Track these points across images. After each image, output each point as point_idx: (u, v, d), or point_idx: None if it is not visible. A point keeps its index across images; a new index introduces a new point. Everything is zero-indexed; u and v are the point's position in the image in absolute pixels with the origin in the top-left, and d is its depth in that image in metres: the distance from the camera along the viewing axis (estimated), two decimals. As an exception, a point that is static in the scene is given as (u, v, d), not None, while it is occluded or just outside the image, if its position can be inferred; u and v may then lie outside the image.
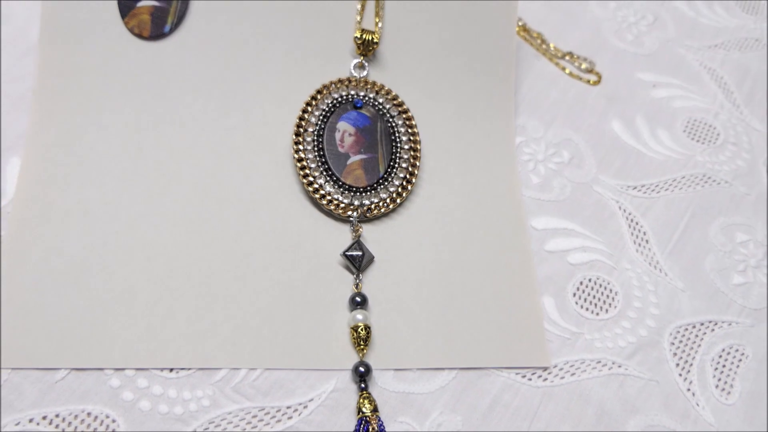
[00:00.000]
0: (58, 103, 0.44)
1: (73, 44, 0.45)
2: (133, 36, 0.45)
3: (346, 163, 0.44)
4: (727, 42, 0.57)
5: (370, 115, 0.45)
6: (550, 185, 0.47)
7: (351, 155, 0.44)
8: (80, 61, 0.45)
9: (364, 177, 0.44)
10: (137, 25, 0.45)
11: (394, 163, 0.44)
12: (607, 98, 0.52)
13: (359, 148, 0.44)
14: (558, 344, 0.41)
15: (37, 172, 0.42)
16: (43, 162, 0.43)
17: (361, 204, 0.43)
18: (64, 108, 0.44)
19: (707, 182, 0.49)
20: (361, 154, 0.44)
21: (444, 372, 0.40)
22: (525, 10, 0.56)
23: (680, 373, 0.41)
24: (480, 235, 0.44)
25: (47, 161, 0.43)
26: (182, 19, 0.46)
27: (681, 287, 0.44)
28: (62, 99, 0.44)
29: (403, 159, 0.45)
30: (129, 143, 0.44)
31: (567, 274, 0.44)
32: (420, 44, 0.48)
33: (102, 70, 0.45)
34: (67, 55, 0.45)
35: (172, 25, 0.45)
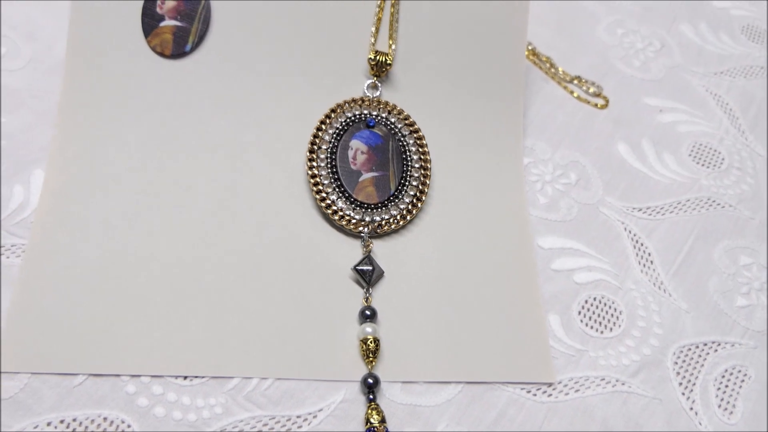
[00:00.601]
0: (81, 118, 0.46)
1: (97, 61, 0.47)
2: (155, 54, 0.47)
3: (358, 180, 0.45)
4: (733, 69, 0.58)
5: (382, 134, 0.46)
6: (557, 206, 0.48)
7: (363, 172, 0.45)
8: (104, 77, 0.47)
9: (376, 194, 0.45)
10: (159, 44, 0.47)
11: (404, 181, 0.46)
12: (614, 122, 0.53)
13: (371, 165, 0.46)
14: (563, 361, 0.42)
15: (59, 183, 0.44)
16: (66, 174, 0.44)
17: (372, 220, 0.44)
18: (86, 122, 0.46)
19: (712, 206, 0.50)
20: (372, 172, 0.45)
21: (450, 385, 0.40)
22: (535, 35, 0.57)
23: (683, 392, 0.42)
24: (487, 253, 0.45)
25: (69, 174, 0.44)
26: (203, 38, 0.47)
27: (685, 308, 0.45)
28: (85, 114, 0.46)
29: (414, 177, 0.46)
30: (148, 157, 0.45)
31: (572, 292, 0.45)
32: (431, 66, 0.50)
33: (124, 87, 0.47)
34: (91, 71, 0.47)
35: (192, 44, 0.47)
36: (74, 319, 0.39)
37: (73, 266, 0.41)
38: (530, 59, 0.56)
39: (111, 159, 0.45)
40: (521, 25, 0.50)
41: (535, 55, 0.56)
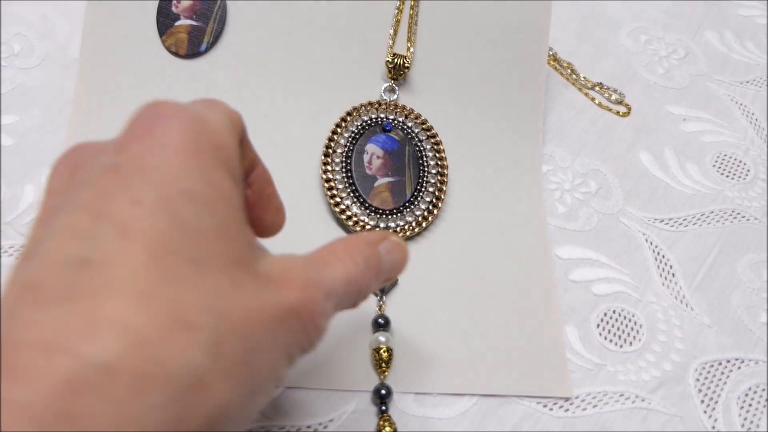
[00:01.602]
0: (93, 118, 0.45)
1: (111, 61, 0.46)
2: (170, 54, 0.46)
3: (374, 185, 0.44)
4: (759, 78, 0.57)
5: (398, 138, 0.46)
6: (577, 215, 0.47)
7: (378, 177, 0.44)
8: (117, 76, 0.46)
9: (391, 200, 0.44)
10: (174, 44, 0.46)
11: (420, 186, 0.45)
12: (636, 130, 0.52)
13: (387, 170, 0.45)
14: (580, 375, 0.41)
15: None
16: None
17: (387, 227, 0.43)
18: (99, 122, 0.45)
19: (736, 218, 0.49)
20: (388, 177, 0.45)
21: (465, 398, 0.39)
22: (556, 40, 0.56)
23: (705, 410, 0.41)
24: (504, 262, 0.44)
25: None
26: (218, 38, 0.47)
27: (707, 323, 0.44)
28: (98, 114, 0.45)
29: (430, 183, 0.45)
30: None
31: (591, 304, 0.44)
32: (450, 70, 0.49)
33: (138, 87, 0.46)
34: (105, 71, 0.46)
35: (207, 44, 0.46)
36: None
37: None
38: (551, 65, 0.55)
39: None
40: (543, 28, 0.49)
41: (556, 60, 0.55)
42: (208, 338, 0.20)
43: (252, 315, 0.22)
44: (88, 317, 0.18)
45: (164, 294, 0.19)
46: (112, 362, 0.18)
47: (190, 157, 0.22)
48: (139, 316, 0.19)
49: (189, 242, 0.21)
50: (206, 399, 0.20)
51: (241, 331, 0.21)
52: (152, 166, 0.22)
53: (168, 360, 0.19)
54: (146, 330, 0.19)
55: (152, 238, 0.20)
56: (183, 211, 0.21)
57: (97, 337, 0.18)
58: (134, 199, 0.21)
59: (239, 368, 0.21)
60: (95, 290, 0.19)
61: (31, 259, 0.20)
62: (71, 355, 0.17)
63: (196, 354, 0.19)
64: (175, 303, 0.20)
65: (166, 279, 0.20)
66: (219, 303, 0.21)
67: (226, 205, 0.23)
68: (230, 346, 0.21)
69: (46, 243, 0.20)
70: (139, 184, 0.21)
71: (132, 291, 0.19)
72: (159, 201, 0.21)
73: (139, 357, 0.18)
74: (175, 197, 0.21)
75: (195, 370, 0.19)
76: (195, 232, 0.21)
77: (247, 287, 0.22)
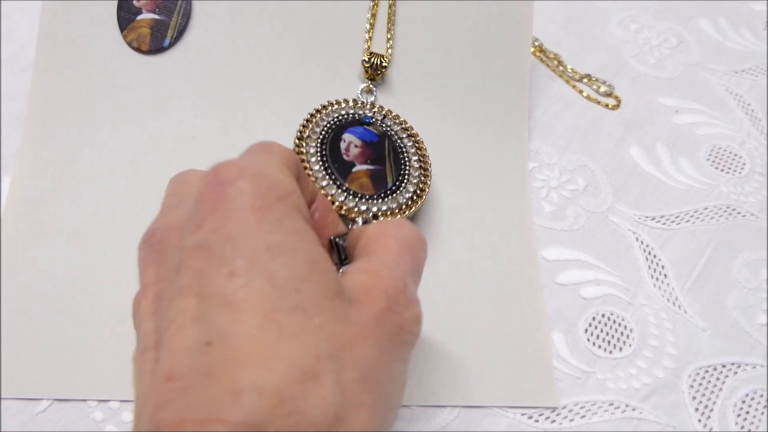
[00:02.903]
0: (51, 118, 0.43)
1: (69, 58, 0.44)
2: (132, 50, 0.44)
3: (352, 170, 0.42)
4: (755, 67, 0.55)
5: (377, 132, 0.43)
6: (564, 214, 0.45)
7: (357, 164, 0.42)
8: (76, 75, 0.44)
9: (371, 185, 0.41)
10: (136, 39, 0.44)
11: (403, 177, 0.42)
12: (625, 123, 0.50)
13: (365, 159, 0.42)
14: (567, 384, 0.39)
15: (26, 189, 0.41)
16: (34, 179, 0.42)
17: (368, 209, 0.41)
18: (57, 123, 0.43)
19: (731, 214, 0.46)
20: (367, 165, 0.42)
21: (446, 411, 0.38)
22: (542, 30, 0.54)
23: (699, 418, 0.39)
24: (488, 265, 0.42)
25: (38, 178, 0.42)
26: (182, 33, 0.44)
27: (701, 326, 0.42)
28: (56, 114, 0.43)
29: (414, 176, 0.42)
30: (124, 160, 0.43)
31: (579, 308, 0.42)
32: (430, 66, 0.47)
33: (98, 85, 0.44)
34: (62, 69, 0.44)
35: (171, 39, 0.44)
36: (38, 339, 0.37)
37: (37, 282, 0.38)
38: (537, 56, 0.52)
39: (83, 163, 0.42)
40: (526, 20, 0.47)
41: (542, 51, 0.53)
42: (332, 379, 0.22)
43: (359, 339, 0.24)
44: (228, 390, 0.21)
45: (284, 351, 0.22)
46: (259, 422, 0.20)
47: (264, 214, 0.24)
48: (270, 378, 0.21)
49: (288, 293, 0.23)
50: (351, 427, 0.22)
51: (356, 358, 0.24)
52: (234, 234, 0.24)
53: (306, 409, 0.21)
54: (280, 389, 0.21)
55: (257, 302, 0.22)
56: (274, 267, 0.23)
57: (241, 404, 0.20)
58: (229, 272, 0.23)
59: (366, 391, 0.23)
60: (226, 366, 0.21)
61: (158, 350, 0.23)
62: (224, 422, 0.20)
63: (327, 396, 0.22)
64: (296, 356, 0.22)
65: (281, 336, 0.22)
66: (328, 343, 0.23)
67: (308, 245, 0.25)
68: (352, 376, 0.23)
69: (167, 333, 0.23)
70: (229, 256, 0.23)
71: (257, 357, 0.21)
72: (251, 265, 0.23)
73: (281, 413, 0.21)
74: (263, 257, 0.23)
75: (330, 410, 0.22)
76: (291, 281, 0.23)
77: (347, 314, 0.24)
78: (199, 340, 0.22)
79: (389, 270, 0.27)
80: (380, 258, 0.28)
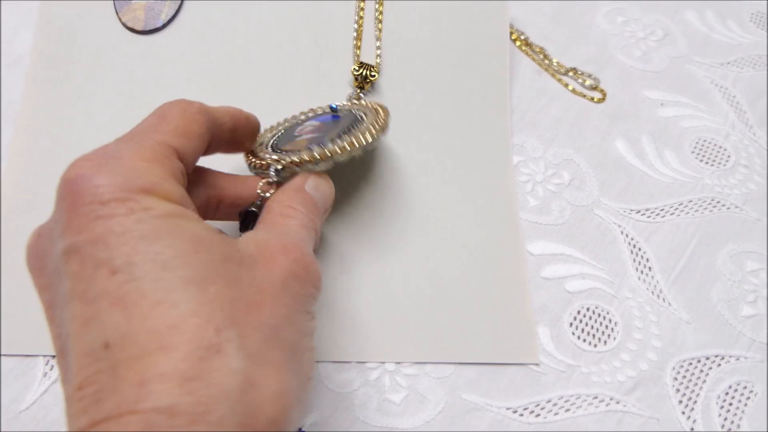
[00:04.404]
0: (48, 95, 0.44)
1: (66, 36, 0.45)
2: (126, 29, 0.46)
3: (294, 139, 0.38)
4: (741, 59, 0.55)
5: (342, 114, 0.40)
6: (549, 208, 0.45)
7: (303, 135, 0.38)
8: (73, 52, 0.45)
9: (305, 145, 0.36)
10: (131, 19, 0.45)
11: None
12: (611, 117, 0.50)
13: (314, 133, 0.38)
14: (552, 378, 0.39)
15: (24, 160, 0.43)
16: (32, 151, 0.43)
17: (282, 158, 0.34)
18: (54, 100, 0.44)
19: (716, 206, 0.46)
20: (312, 134, 0.38)
21: (430, 405, 0.38)
22: (528, 24, 0.54)
23: (683, 410, 0.39)
24: (473, 260, 0.42)
25: (35, 150, 0.43)
26: (177, 13, 0.46)
27: (686, 318, 0.42)
28: (53, 91, 0.45)
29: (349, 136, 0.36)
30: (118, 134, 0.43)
31: (564, 302, 0.42)
32: (413, 65, 0.47)
33: (94, 63, 0.45)
34: (59, 47, 0.45)
35: (165, 18, 0.45)
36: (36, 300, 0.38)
37: None
38: (522, 50, 0.52)
39: (79, 139, 0.43)
40: (502, 17, 0.49)
41: (528, 45, 0.53)
42: (235, 346, 0.23)
43: (258, 300, 0.25)
44: (134, 383, 0.21)
45: (182, 334, 0.22)
46: (169, 405, 0.21)
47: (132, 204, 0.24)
48: (171, 362, 0.21)
49: (177, 271, 0.23)
50: (263, 388, 0.23)
51: (259, 319, 0.24)
52: (103, 233, 0.23)
53: (213, 382, 0.22)
54: (183, 370, 0.21)
55: (146, 292, 0.22)
56: (156, 251, 0.23)
57: (147, 392, 0.21)
58: (109, 270, 0.23)
59: (273, 349, 0.24)
60: (128, 362, 0.21)
61: (65, 356, 0.23)
62: (135, 413, 0.21)
63: (232, 364, 0.22)
64: (195, 335, 0.22)
65: (177, 318, 0.22)
66: (227, 310, 0.23)
67: (186, 222, 0.25)
68: (256, 338, 0.24)
69: (68, 340, 0.23)
70: (104, 256, 0.23)
71: (155, 346, 0.22)
72: (130, 258, 0.23)
73: (189, 392, 0.21)
74: (140, 246, 0.23)
75: (239, 376, 0.22)
76: (177, 258, 0.23)
77: (241, 277, 0.25)
78: (97, 344, 0.22)
79: (286, 231, 0.29)
80: (278, 222, 0.30)
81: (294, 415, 0.24)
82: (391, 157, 0.45)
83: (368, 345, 0.39)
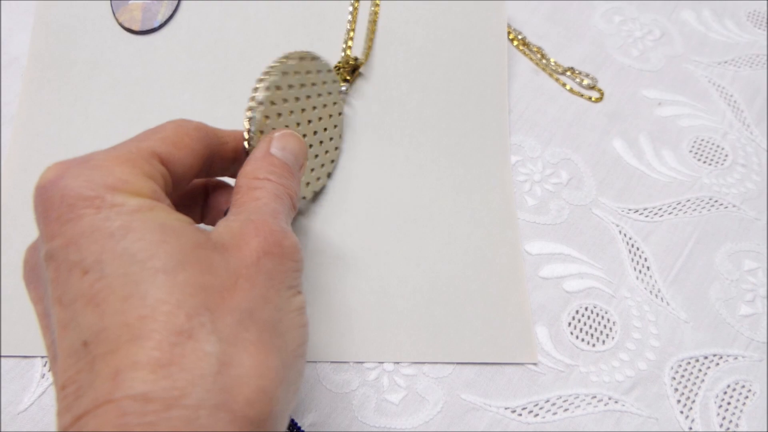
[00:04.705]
0: (45, 95, 0.45)
1: (63, 36, 0.45)
2: (123, 30, 0.46)
3: None
4: (738, 58, 0.55)
5: None
6: (547, 207, 0.45)
7: None
8: (70, 53, 0.45)
9: None
10: (128, 19, 0.45)
11: None
12: (609, 116, 0.50)
13: None
14: (551, 377, 0.39)
15: (22, 158, 0.43)
16: (30, 150, 0.43)
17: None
18: (51, 100, 0.44)
19: (714, 206, 0.46)
20: None
21: (429, 405, 0.38)
22: (526, 23, 0.54)
23: (681, 410, 0.39)
24: (471, 260, 0.42)
25: (33, 150, 0.43)
26: (173, 14, 0.46)
27: (684, 318, 0.42)
28: (51, 91, 0.45)
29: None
30: (114, 133, 0.44)
31: (562, 302, 0.42)
32: (409, 65, 0.47)
33: (91, 63, 0.45)
34: (57, 47, 0.45)
35: (162, 18, 0.45)
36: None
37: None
38: (520, 50, 0.52)
39: (76, 138, 0.44)
40: (500, 15, 0.49)
41: (525, 45, 0.52)
42: (207, 330, 0.23)
43: (231, 284, 0.25)
44: (110, 375, 0.22)
45: (153, 323, 0.22)
46: (144, 392, 0.21)
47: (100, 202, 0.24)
48: (143, 352, 0.22)
49: (146, 262, 0.23)
50: (240, 369, 0.23)
51: (231, 304, 0.24)
52: (73, 234, 0.24)
53: (187, 366, 0.22)
54: (156, 357, 0.22)
55: (116, 288, 0.23)
56: (125, 246, 0.23)
57: (121, 381, 0.21)
58: (81, 271, 0.23)
59: (248, 329, 0.24)
60: (104, 357, 0.22)
61: (55, 363, 0.24)
62: (111, 402, 0.21)
63: (205, 348, 0.22)
64: (166, 323, 0.22)
65: (147, 309, 0.22)
66: (198, 296, 0.23)
67: (155, 213, 0.25)
68: (228, 321, 0.24)
69: (55, 346, 0.24)
70: (75, 258, 0.23)
71: (127, 338, 0.22)
72: (99, 256, 0.23)
73: (163, 377, 0.21)
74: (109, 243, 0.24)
75: (212, 358, 0.22)
76: (145, 250, 0.23)
77: (214, 263, 0.25)
78: (77, 344, 0.23)
79: (255, 208, 0.28)
80: (247, 200, 0.29)
81: (278, 394, 0.24)
82: (389, 156, 0.45)
83: (366, 345, 0.39)
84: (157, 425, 0.21)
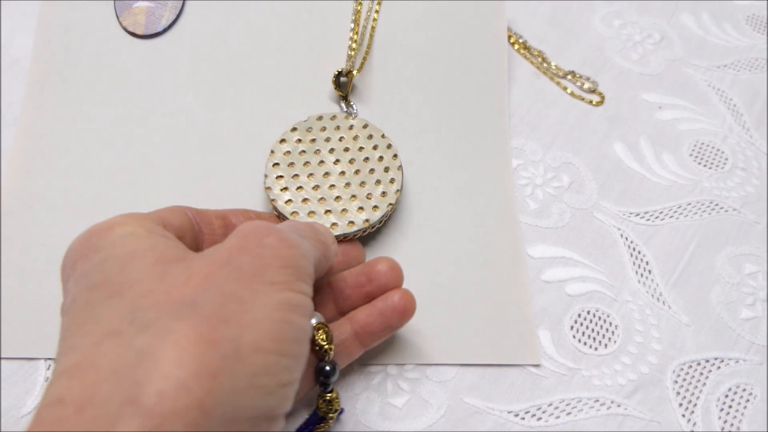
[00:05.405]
0: (49, 99, 0.45)
1: (67, 40, 0.46)
2: (127, 34, 0.46)
3: None
4: (737, 62, 0.55)
5: None
6: (549, 211, 0.45)
7: None
8: (73, 56, 0.45)
9: None
10: (132, 24, 0.45)
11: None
12: (609, 120, 0.50)
13: None
14: (553, 381, 0.39)
15: (25, 161, 0.43)
16: (33, 152, 0.43)
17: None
18: (54, 103, 0.44)
19: (714, 209, 0.47)
20: None
21: (432, 409, 0.38)
22: (526, 27, 0.54)
23: (683, 413, 0.39)
24: (473, 263, 0.42)
25: (36, 152, 0.43)
26: (177, 18, 0.46)
27: (685, 321, 0.42)
28: (54, 93, 0.45)
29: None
30: (119, 138, 0.44)
31: (564, 305, 0.42)
32: (410, 65, 0.47)
33: (94, 66, 0.45)
34: (60, 50, 0.45)
35: (166, 23, 0.46)
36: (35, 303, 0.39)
37: (34, 253, 0.40)
38: (521, 53, 0.52)
39: (80, 141, 0.44)
40: (500, 18, 0.49)
41: (526, 48, 0.53)
42: (137, 326, 0.24)
43: (182, 282, 0.26)
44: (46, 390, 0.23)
45: (88, 335, 0.24)
46: (59, 396, 0.22)
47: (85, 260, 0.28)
48: (69, 359, 0.23)
49: (97, 288, 0.26)
50: (161, 360, 0.22)
51: (173, 300, 0.25)
52: (66, 289, 0.28)
53: (103, 363, 0.23)
54: (76, 361, 0.23)
55: (70, 325, 0.25)
56: (90, 280, 0.26)
57: (46, 391, 0.23)
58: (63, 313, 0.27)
59: (187, 319, 0.24)
60: (54, 372, 0.24)
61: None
62: (35, 411, 0.23)
63: (128, 342, 0.23)
64: (101, 329, 0.24)
65: (91, 327, 0.24)
66: (138, 302, 0.25)
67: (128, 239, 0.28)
68: (163, 314, 0.24)
69: None
70: (64, 304, 0.27)
71: (64, 354, 0.24)
72: (72, 298, 0.26)
73: (79, 380, 0.22)
74: (78, 282, 0.27)
75: (132, 351, 0.23)
76: (98, 282, 0.26)
77: (171, 272, 0.26)
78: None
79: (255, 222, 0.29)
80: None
81: (211, 387, 0.23)
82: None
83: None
84: (73, 427, 0.21)
